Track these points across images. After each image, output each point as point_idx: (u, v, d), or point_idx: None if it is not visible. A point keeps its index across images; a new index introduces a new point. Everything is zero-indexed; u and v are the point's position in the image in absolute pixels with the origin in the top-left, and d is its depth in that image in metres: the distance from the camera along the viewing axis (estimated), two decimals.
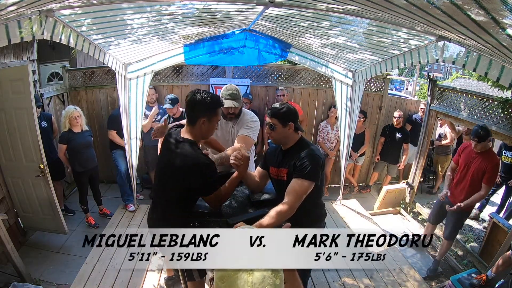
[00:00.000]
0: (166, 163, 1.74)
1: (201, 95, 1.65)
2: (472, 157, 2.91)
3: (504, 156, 4.02)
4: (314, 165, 1.66)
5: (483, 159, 2.83)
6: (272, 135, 1.80)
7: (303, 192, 1.64)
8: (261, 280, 0.79)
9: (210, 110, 1.66)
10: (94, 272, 2.66)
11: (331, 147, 4.65)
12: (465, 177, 2.95)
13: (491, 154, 2.87)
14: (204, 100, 1.64)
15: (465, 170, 2.96)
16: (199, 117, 1.65)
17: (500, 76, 1.71)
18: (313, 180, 1.66)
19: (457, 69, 16.85)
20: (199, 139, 1.73)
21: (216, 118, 1.71)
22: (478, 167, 2.84)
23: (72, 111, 3.42)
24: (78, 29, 2.05)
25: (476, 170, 2.85)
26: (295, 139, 1.81)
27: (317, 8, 1.94)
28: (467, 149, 3.03)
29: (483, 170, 2.81)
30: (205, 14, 2.35)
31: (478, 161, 2.86)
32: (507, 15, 0.96)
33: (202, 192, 1.69)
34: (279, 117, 1.75)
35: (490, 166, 2.78)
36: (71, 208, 3.99)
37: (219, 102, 1.72)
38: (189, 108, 1.68)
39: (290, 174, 1.72)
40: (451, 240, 3.22)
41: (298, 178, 1.66)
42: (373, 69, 3.17)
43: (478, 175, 2.84)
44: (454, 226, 3.09)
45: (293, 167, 1.71)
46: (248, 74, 4.60)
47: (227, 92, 2.24)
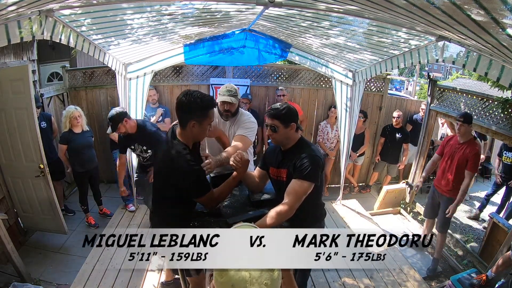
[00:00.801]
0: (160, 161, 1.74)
1: (190, 97, 1.57)
2: (456, 147, 3.08)
3: (504, 156, 4.02)
4: (314, 166, 1.65)
5: (466, 148, 2.99)
6: (274, 136, 1.77)
7: (302, 193, 1.63)
8: (259, 275, 0.80)
9: (200, 112, 1.59)
10: (94, 272, 2.66)
11: (331, 147, 4.65)
12: (451, 167, 3.10)
13: (473, 143, 3.01)
14: (194, 102, 1.56)
15: (450, 160, 3.12)
16: (189, 119, 1.59)
17: (500, 76, 1.71)
18: (312, 181, 1.65)
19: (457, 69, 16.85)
20: (190, 142, 1.69)
21: (208, 120, 1.64)
22: (462, 156, 2.99)
23: (73, 111, 3.42)
24: (78, 29, 2.05)
25: (460, 159, 3.01)
26: (296, 139, 1.79)
27: (317, 8, 1.94)
28: (450, 140, 3.21)
29: (466, 158, 2.96)
30: (205, 14, 2.35)
31: (461, 151, 3.01)
32: (507, 15, 0.96)
33: (190, 194, 1.67)
34: (281, 118, 1.72)
35: (473, 153, 2.94)
36: (71, 208, 3.99)
37: (210, 103, 1.64)
38: (179, 110, 1.61)
39: (290, 175, 1.71)
40: (445, 233, 3.29)
41: (297, 179, 1.65)
42: (373, 69, 3.17)
43: (462, 163, 2.99)
44: (445, 218, 3.16)
45: (292, 168, 1.70)
46: (248, 74, 4.60)
47: (225, 89, 2.25)
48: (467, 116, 2.98)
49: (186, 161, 1.59)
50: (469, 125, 2.97)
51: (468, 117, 2.98)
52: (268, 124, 1.76)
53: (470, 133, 3.04)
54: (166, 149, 1.69)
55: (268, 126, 1.77)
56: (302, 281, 2.12)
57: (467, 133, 3.01)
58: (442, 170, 3.20)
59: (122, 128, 2.72)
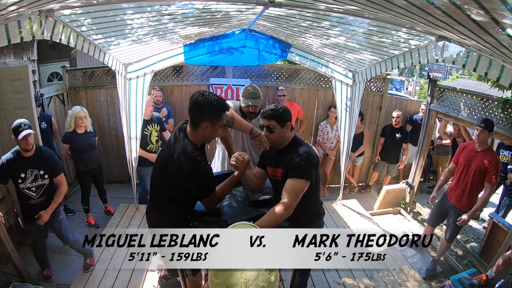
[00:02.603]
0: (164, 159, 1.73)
1: (207, 97, 1.58)
2: (472, 156, 2.87)
3: (501, 155, 4.03)
4: (307, 164, 1.66)
5: (483, 157, 2.78)
6: (271, 137, 1.79)
7: (299, 192, 1.64)
8: (255, 277, 0.78)
9: (215, 114, 1.61)
10: (94, 272, 2.66)
11: (331, 147, 4.65)
12: (466, 177, 2.90)
13: (490, 152, 2.84)
14: (210, 104, 1.57)
15: (466, 169, 2.91)
16: (203, 120, 1.60)
17: (500, 76, 1.71)
18: (307, 178, 1.66)
19: (457, 69, 16.86)
20: (199, 142, 1.68)
21: (220, 122, 1.66)
22: (479, 165, 2.78)
23: (79, 111, 3.43)
24: (78, 29, 2.05)
25: (477, 169, 2.80)
26: (290, 138, 1.82)
27: (317, 8, 1.94)
28: (466, 148, 2.99)
29: (484, 168, 2.75)
30: (205, 14, 2.35)
31: (478, 159, 2.80)
32: (507, 15, 0.96)
33: (196, 194, 1.67)
34: (278, 118, 1.74)
35: (493, 163, 2.73)
36: (71, 208, 4.00)
37: (225, 106, 1.64)
38: (193, 110, 1.61)
39: (285, 174, 1.73)
40: (451, 242, 3.23)
41: (292, 178, 1.66)
42: (373, 69, 3.17)
43: (480, 174, 2.79)
44: (454, 229, 3.06)
45: (287, 167, 1.72)
46: (248, 74, 4.60)
47: (248, 91, 2.36)
48: (489, 123, 2.76)
49: (197, 161, 1.59)
50: (489, 133, 2.76)
51: (490, 123, 2.76)
52: (265, 125, 1.77)
53: (488, 141, 2.84)
54: (174, 146, 1.67)
55: (264, 127, 1.79)
56: (302, 281, 2.12)
57: (486, 140, 2.80)
58: (457, 179, 2.99)
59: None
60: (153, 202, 1.86)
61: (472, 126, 3.54)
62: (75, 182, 4.47)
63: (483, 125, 2.74)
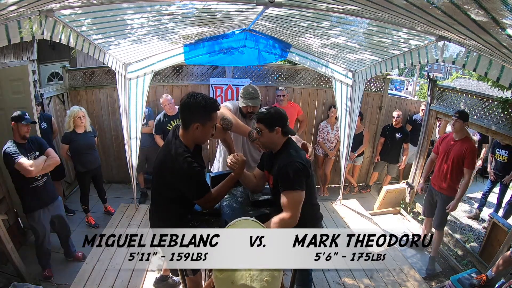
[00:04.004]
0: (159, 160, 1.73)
1: (195, 98, 1.58)
2: (450, 145, 3.13)
3: (497, 154, 4.05)
4: (294, 174, 1.62)
5: (460, 145, 3.03)
6: (260, 139, 1.78)
7: (298, 202, 1.64)
8: (259, 272, 0.79)
9: (204, 115, 1.60)
10: (94, 272, 2.66)
11: (331, 147, 4.65)
12: (446, 163, 3.13)
13: (467, 141, 3.04)
14: (198, 104, 1.57)
15: (445, 157, 3.15)
16: (193, 121, 1.60)
17: (500, 76, 1.71)
18: (298, 188, 1.64)
19: (457, 69, 16.86)
20: (191, 144, 1.67)
21: (211, 123, 1.64)
22: (457, 153, 3.03)
23: (77, 111, 3.43)
24: (78, 29, 2.05)
25: (455, 156, 3.05)
26: (281, 143, 1.78)
27: (317, 8, 1.94)
28: (445, 139, 3.25)
29: (462, 155, 2.99)
30: (205, 14, 2.35)
31: (456, 148, 3.06)
32: (507, 15, 0.96)
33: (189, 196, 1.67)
34: (265, 122, 1.72)
35: (469, 150, 2.97)
36: (71, 208, 3.99)
37: (214, 106, 1.63)
38: (183, 111, 1.62)
39: (275, 183, 1.73)
40: (441, 231, 3.31)
41: (285, 191, 1.65)
42: (373, 69, 3.17)
43: (458, 161, 3.03)
44: (441, 216, 3.20)
45: (276, 176, 1.71)
46: (248, 74, 4.60)
47: (247, 91, 2.37)
48: (463, 113, 3.03)
49: (187, 162, 1.58)
50: (464, 122, 3.00)
51: (464, 114, 3.02)
52: (255, 127, 1.79)
53: (465, 131, 3.08)
54: (167, 149, 1.68)
55: (254, 129, 1.81)
56: (303, 281, 2.12)
57: (462, 130, 3.04)
58: (438, 167, 3.24)
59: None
60: (154, 202, 1.87)
61: (472, 126, 3.56)
62: (74, 183, 4.47)
63: (458, 115, 3.01)
